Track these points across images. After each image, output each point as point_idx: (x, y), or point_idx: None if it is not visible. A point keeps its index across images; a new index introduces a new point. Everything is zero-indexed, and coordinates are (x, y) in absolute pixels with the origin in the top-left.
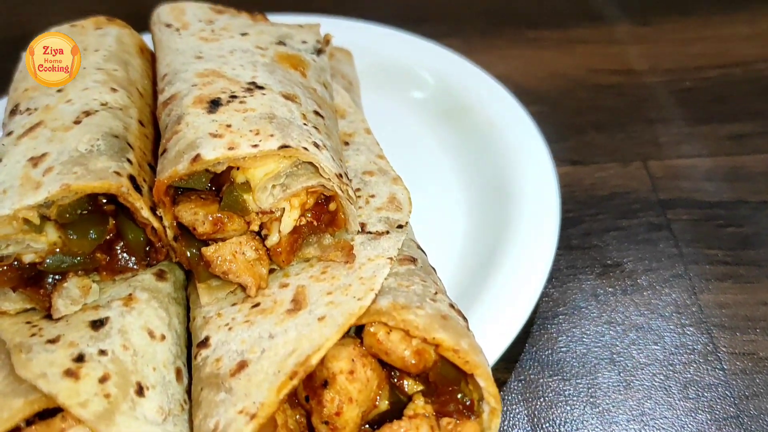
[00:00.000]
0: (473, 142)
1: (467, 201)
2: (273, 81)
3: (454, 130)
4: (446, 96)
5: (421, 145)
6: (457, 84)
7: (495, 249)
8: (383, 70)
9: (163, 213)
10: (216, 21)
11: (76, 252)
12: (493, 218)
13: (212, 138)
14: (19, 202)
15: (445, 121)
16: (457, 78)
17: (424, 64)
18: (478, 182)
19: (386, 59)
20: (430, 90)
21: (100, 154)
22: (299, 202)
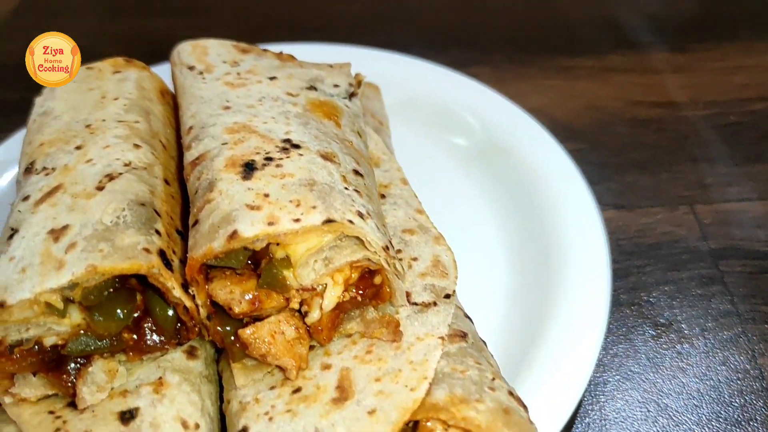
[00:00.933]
0: (512, 188)
1: (507, 254)
2: (308, 137)
3: (490, 173)
4: (481, 135)
5: (455, 190)
6: (492, 121)
7: (541, 311)
8: (413, 106)
9: (196, 292)
10: (241, 62)
11: (101, 334)
12: (536, 275)
13: (250, 210)
14: (40, 284)
15: (481, 162)
16: (492, 115)
17: (457, 100)
18: (519, 234)
19: (417, 94)
20: (463, 128)
21: (127, 227)
22: (343, 278)
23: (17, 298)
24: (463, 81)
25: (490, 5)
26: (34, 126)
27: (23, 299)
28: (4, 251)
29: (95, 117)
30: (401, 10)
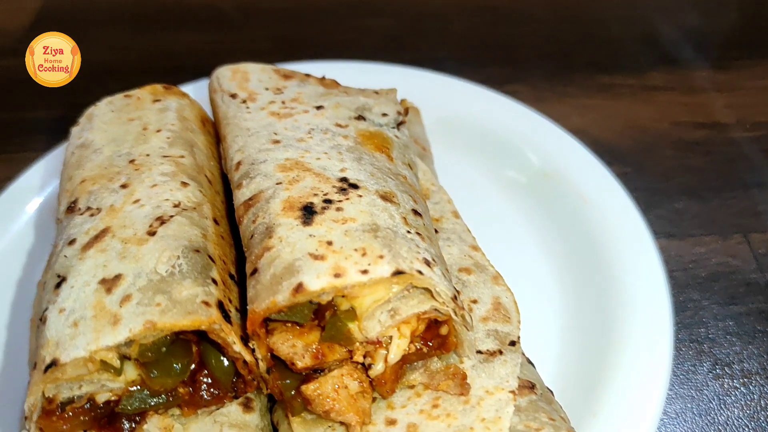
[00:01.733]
0: (561, 217)
1: (559, 290)
2: (365, 174)
3: (536, 201)
4: (526, 160)
5: (499, 218)
6: (537, 145)
7: (600, 353)
8: (452, 129)
9: (256, 345)
10: (285, 90)
11: (157, 390)
12: (592, 313)
13: (314, 260)
14: (95, 341)
15: (526, 189)
16: (537, 138)
17: (499, 122)
18: (571, 268)
19: (455, 115)
20: (507, 153)
21: (183, 277)
22: (410, 330)
23: (71, 356)
24: (504, 102)
25: (524, 20)
26: (73, 159)
27: (78, 357)
28: (52, 301)
29: (138, 151)
30: (433, 26)
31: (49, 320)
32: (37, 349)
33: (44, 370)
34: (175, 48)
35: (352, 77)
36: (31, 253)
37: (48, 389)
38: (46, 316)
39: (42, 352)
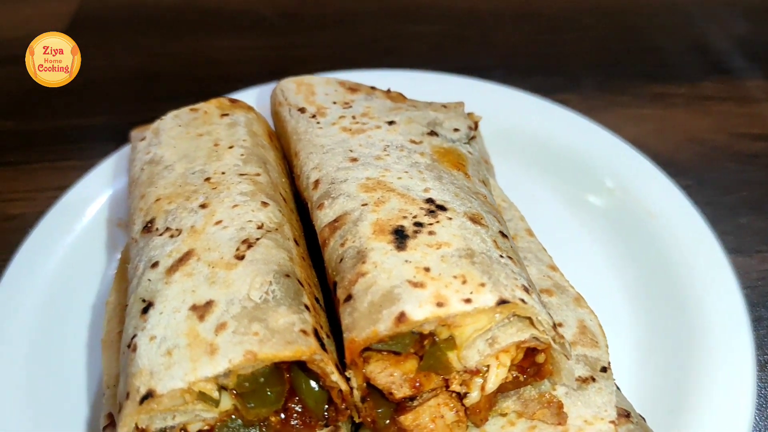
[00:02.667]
0: (627, 232)
1: (631, 311)
2: (449, 195)
3: (599, 215)
4: (587, 173)
5: (561, 234)
6: (597, 158)
7: (680, 376)
8: (511, 140)
9: (353, 374)
10: (353, 104)
11: (251, 420)
12: (668, 334)
13: (413, 288)
14: (193, 372)
15: (588, 203)
16: (595, 150)
17: (561, 134)
18: (642, 285)
19: (515, 127)
20: (567, 165)
21: (278, 304)
22: (509, 358)
23: (168, 388)
24: (563, 113)
25: (568, 28)
26: (143, 176)
27: (175, 389)
28: (140, 327)
29: (213, 169)
30: (476, 33)
31: (139, 348)
32: (127, 377)
33: (140, 401)
34: (216, 54)
35: (405, 86)
36: (87, 264)
37: (141, 420)
38: (135, 344)
39: (135, 381)
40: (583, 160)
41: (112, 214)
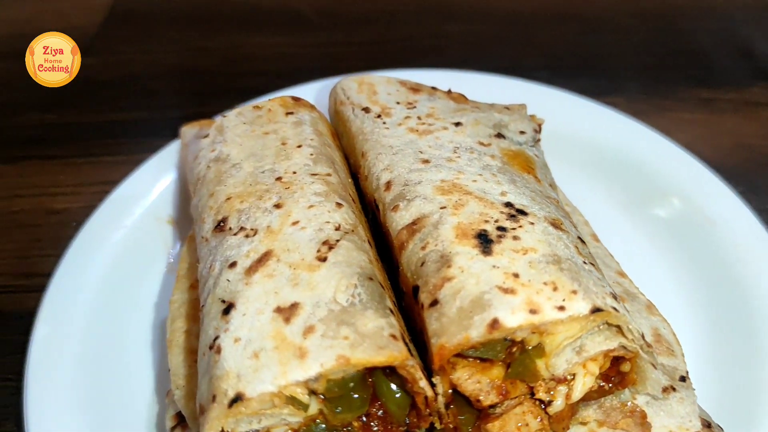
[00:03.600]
0: (684, 237)
1: (693, 317)
2: (526, 198)
3: (656, 221)
4: (643, 179)
5: (620, 240)
6: (651, 163)
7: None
8: (563, 143)
9: (439, 380)
10: (417, 104)
11: (335, 425)
12: (732, 340)
13: (504, 294)
14: (283, 376)
15: (644, 209)
16: (650, 156)
17: (615, 138)
18: (702, 292)
19: (567, 130)
20: (622, 170)
21: (365, 308)
22: (597, 367)
23: (258, 391)
24: (615, 116)
25: (611, 30)
26: (210, 174)
27: (265, 392)
28: (223, 329)
29: (283, 168)
30: (520, 33)
31: (224, 350)
32: (212, 379)
33: (228, 404)
34: (254, 51)
35: (452, 86)
36: (138, 261)
37: (227, 423)
38: (219, 346)
39: (221, 384)
40: (639, 166)
41: (161, 210)
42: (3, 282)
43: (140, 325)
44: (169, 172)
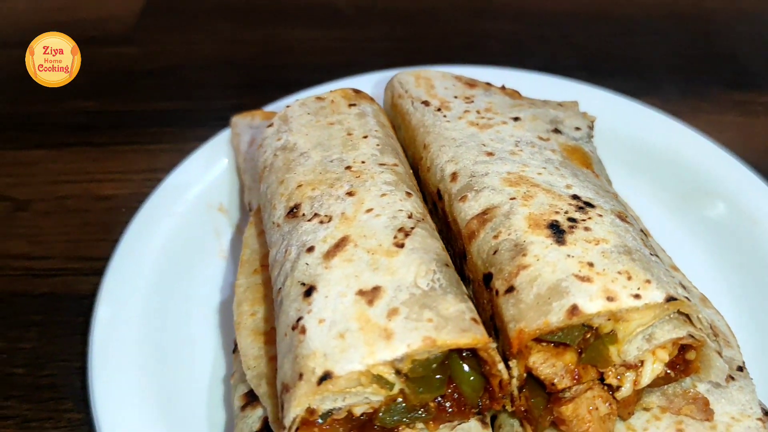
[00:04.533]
0: (727, 235)
1: (737, 313)
2: (591, 192)
3: (699, 220)
4: (687, 179)
5: (663, 237)
6: (697, 165)
7: None
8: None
9: (515, 364)
10: (474, 99)
11: (415, 405)
12: None
13: (581, 282)
14: (371, 355)
15: (689, 209)
16: (696, 157)
17: (659, 137)
18: (746, 291)
19: (610, 130)
20: (665, 170)
21: (445, 293)
22: (667, 354)
23: (346, 370)
24: (655, 116)
25: (646, 31)
26: (277, 162)
27: (353, 371)
28: (305, 310)
29: (351, 158)
30: (557, 33)
31: (309, 331)
32: (297, 358)
33: (317, 382)
34: (290, 44)
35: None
36: (191, 248)
37: (313, 401)
38: (303, 326)
39: (309, 363)
40: (682, 166)
41: (212, 198)
42: (55, 265)
43: (196, 308)
44: (219, 161)
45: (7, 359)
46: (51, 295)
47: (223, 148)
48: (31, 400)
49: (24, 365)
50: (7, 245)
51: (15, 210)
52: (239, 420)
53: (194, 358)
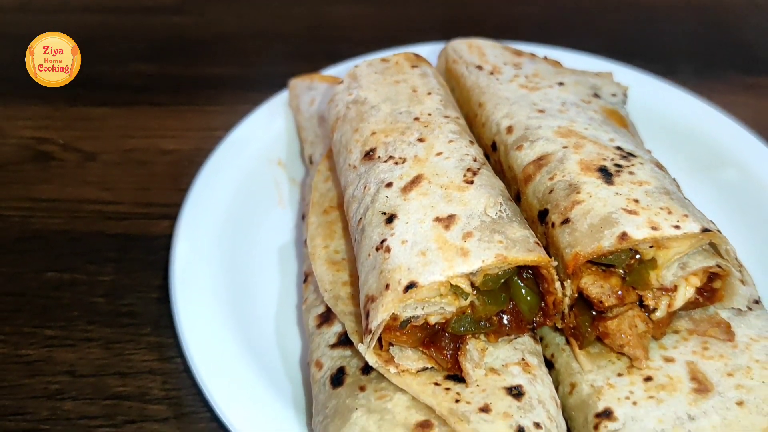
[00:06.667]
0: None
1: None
2: (631, 145)
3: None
4: (703, 152)
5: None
6: (712, 133)
7: None
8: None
9: (570, 284)
10: (522, 66)
11: (482, 316)
12: None
13: (629, 215)
14: (450, 269)
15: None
16: (709, 125)
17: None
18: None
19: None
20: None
21: (511, 221)
22: (698, 280)
23: (429, 280)
24: (677, 92)
25: (666, 20)
26: (350, 113)
27: (435, 281)
28: (389, 234)
29: (418, 110)
30: (582, 19)
31: (393, 249)
32: (382, 272)
33: (403, 290)
34: (334, 19)
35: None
36: (256, 197)
37: (398, 308)
38: (388, 246)
39: (395, 275)
40: (701, 137)
41: (272, 153)
42: (126, 210)
43: (260, 249)
44: (277, 120)
45: (88, 290)
46: (124, 235)
47: (281, 109)
48: (113, 325)
49: (104, 295)
50: (80, 191)
51: (85, 161)
52: (316, 336)
53: (262, 290)
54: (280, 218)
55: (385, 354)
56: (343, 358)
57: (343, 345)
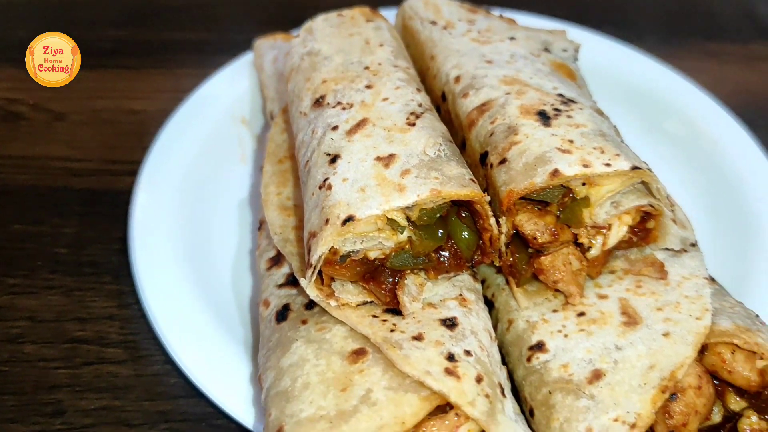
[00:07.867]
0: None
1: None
2: (573, 93)
3: (670, 143)
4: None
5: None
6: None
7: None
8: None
9: (504, 221)
10: (475, 21)
11: (419, 252)
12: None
13: (562, 153)
14: (387, 203)
15: (659, 133)
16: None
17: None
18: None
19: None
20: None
21: (448, 160)
22: (631, 219)
23: (366, 214)
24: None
25: None
26: (304, 64)
27: (372, 215)
28: (331, 173)
29: (369, 60)
30: None
31: (334, 187)
32: (323, 209)
33: (341, 224)
34: None
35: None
36: (219, 152)
37: (337, 242)
38: (330, 184)
39: (335, 210)
40: (654, 96)
41: (236, 111)
42: (93, 166)
43: (220, 202)
44: (242, 79)
45: (51, 241)
46: (90, 190)
47: (246, 69)
48: (75, 274)
49: (67, 246)
50: (48, 149)
51: (54, 120)
52: (265, 278)
53: (220, 240)
54: (242, 173)
55: (326, 289)
56: (289, 297)
57: (290, 285)
